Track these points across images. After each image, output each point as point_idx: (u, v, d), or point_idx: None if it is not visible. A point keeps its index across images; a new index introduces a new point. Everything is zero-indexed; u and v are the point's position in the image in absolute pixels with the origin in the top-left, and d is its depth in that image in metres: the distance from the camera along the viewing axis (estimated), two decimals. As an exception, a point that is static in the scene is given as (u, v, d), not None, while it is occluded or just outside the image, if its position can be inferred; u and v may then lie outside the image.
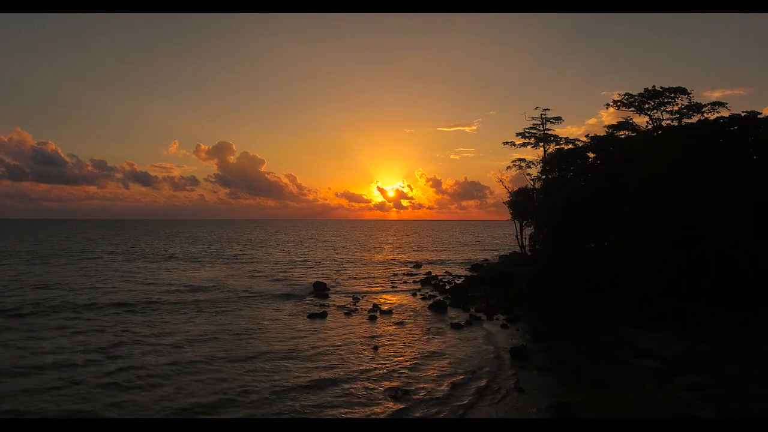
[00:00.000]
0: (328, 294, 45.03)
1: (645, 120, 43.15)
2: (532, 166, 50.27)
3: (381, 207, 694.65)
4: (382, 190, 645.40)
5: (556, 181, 44.93)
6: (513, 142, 50.24)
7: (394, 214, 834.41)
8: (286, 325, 31.75)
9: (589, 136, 45.68)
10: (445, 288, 47.72)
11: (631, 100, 42.47)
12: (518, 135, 49.68)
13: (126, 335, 28.34)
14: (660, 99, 41.28)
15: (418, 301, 41.79)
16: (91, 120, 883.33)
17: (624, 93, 42.84)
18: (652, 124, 42.54)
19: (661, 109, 41.92)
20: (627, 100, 42.70)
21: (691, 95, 40.77)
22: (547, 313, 33.90)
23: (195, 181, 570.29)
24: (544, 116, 48.59)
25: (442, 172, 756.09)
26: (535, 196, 49.57)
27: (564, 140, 48.31)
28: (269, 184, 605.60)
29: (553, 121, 48.39)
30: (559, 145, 47.97)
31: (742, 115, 36.20)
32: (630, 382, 19.86)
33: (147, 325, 31.01)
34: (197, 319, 33.44)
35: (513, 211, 56.28)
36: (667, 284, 32.64)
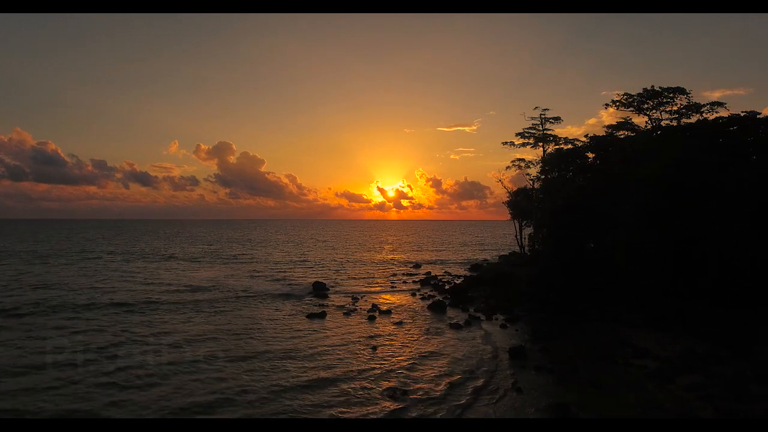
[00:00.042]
0: (327, 294, 45.00)
1: (644, 120, 43.22)
2: (532, 166, 50.32)
3: (381, 207, 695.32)
4: (382, 190, 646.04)
5: (555, 181, 44.92)
6: (512, 142, 50.29)
7: (394, 214, 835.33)
8: (285, 325, 31.73)
9: (588, 136, 45.74)
10: (445, 288, 47.67)
11: (630, 100, 42.48)
12: (517, 135, 49.74)
13: (125, 335, 28.32)
14: (659, 99, 41.28)
15: (417, 301, 41.75)
16: (91, 120, 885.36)
17: (623, 93, 42.97)
18: (651, 124, 42.55)
19: (660, 109, 41.92)
20: (626, 100, 42.71)
21: (689, 95, 40.81)
22: (547, 313, 33.84)
23: (195, 181, 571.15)
24: (543, 116, 48.62)
25: (442, 172, 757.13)
26: (535, 196, 49.54)
27: (563, 140, 48.33)
28: (269, 184, 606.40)
29: (553, 121, 48.39)
30: (559, 145, 47.98)
31: (741, 115, 36.22)
32: (629, 382, 19.82)
33: (146, 325, 30.98)
34: (196, 319, 33.42)
35: (512, 211, 56.28)
36: (668, 284, 32.62)
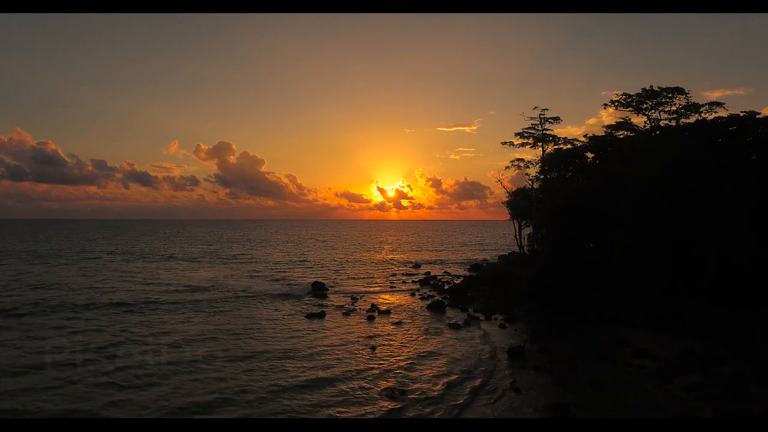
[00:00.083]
0: (326, 294, 45.01)
1: (643, 120, 43.27)
2: (531, 166, 50.31)
3: (381, 207, 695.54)
4: (382, 190, 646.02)
5: (554, 181, 44.96)
6: (511, 142, 50.27)
7: (394, 214, 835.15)
8: (284, 325, 31.73)
9: (587, 136, 45.79)
10: (444, 288, 47.67)
11: (629, 101, 42.52)
12: (517, 135, 49.71)
13: (124, 335, 28.33)
14: (658, 99, 41.32)
15: (416, 301, 41.76)
16: (91, 120, 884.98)
17: (622, 93, 43.01)
18: (649, 124, 42.59)
19: (659, 109, 41.96)
20: (625, 101, 42.75)
21: (688, 95, 40.85)
22: (546, 313, 33.82)
23: (195, 181, 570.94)
24: (542, 116, 48.59)
25: (442, 172, 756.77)
26: (534, 196, 49.55)
27: (562, 140, 48.33)
28: (269, 184, 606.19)
29: (552, 121, 48.38)
30: (558, 145, 47.98)
31: (740, 115, 36.24)
32: (628, 382, 19.82)
33: (145, 325, 30.99)
34: (195, 318, 33.43)
35: (512, 211, 56.29)
36: (667, 284, 32.63)
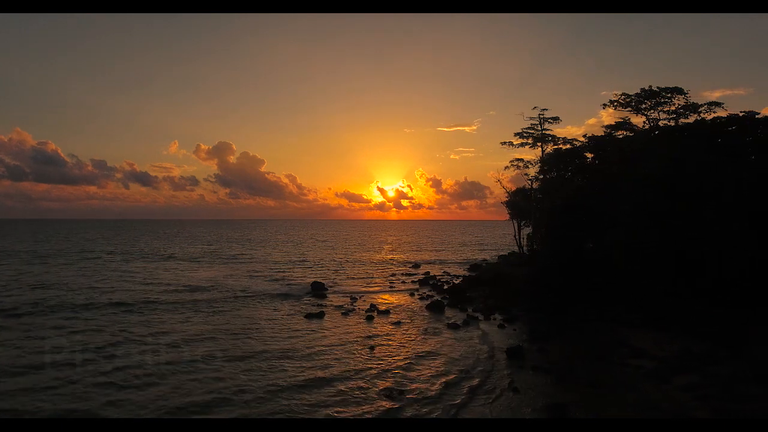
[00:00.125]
0: (325, 294, 45.04)
1: (642, 120, 43.26)
2: (530, 166, 50.22)
3: (381, 207, 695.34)
4: (382, 190, 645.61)
5: (554, 181, 44.96)
6: (511, 142, 50.19)
7: (394, 214, 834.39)
8: (283, 325, 31.76)
9: (586, 136, 45.76)
10: (443, 288, 47.70)
11: (628, 100, 42.50)
12: (516, 135, 49.65)
13: (123, 335, 28.38)
14: (656, 99, 41.30)
15: (415, 301, 41.78)
16: (91, 120, 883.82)
17: (621, 93, 42.99)
18: (648, 124, 42.59)
19: (658, 109, 41.95)
20: (624, 101, 42.73)
21: (687, 95, 40.83)
22: (545, 313, 33.81)
23: (195, 181, 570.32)
24: (542, 116, 48.54)
25: (442, 172, 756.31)
26: (533, 196, 49.54)
27: (562, 140, 48.29)
28: (269, 184, 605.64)
29: (551, 121, 48.31)
30: (557, 145, 47.95)
31: (740, 115, 36.25)
32: (626, 383, 19.85)
33: (144, 325, 31.03)
34: (194, 318, 33.46)
35: (511, 211, 56.25)
36: (667, 284, 32.65)
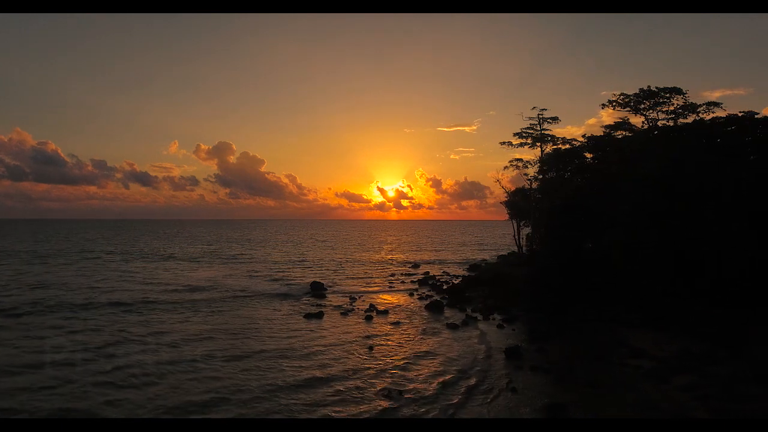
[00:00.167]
0: (325, 294, 45.03)
1: (641, 120, 43.26)
2: (529, 166, 50.21)
3: (381, 207, 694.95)
4: (382, 190, 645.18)
5: (553, 181, 44.95)
6: (510, 142, 50.19)
7: (394, 214, 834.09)
8: (282, 325, 31.75)
9: (585, 136, 45.76)
10: (443, 288, 47.69)
11: (627, 101, 42.49)
12: (515, 135, 49.65)
13: (122, 334, 28.41)
14: (655, 99, 41.29)
15: (415, 301, 41.76)
16: (91, 120, 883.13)
17: (619, 93, 42.97)
18: (647, 124, 42.59)
19: (657, 110, 41.94)
20: (622, 101, 42.73)
21: (686, 95, 40.83)
22: (544, 314, 33.76)
23: (195, 181, 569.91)
24: (541, 116, 48.54)
25: (442, 172, 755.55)
26: (533, 196, 49.53)
27: (561, 140, 48.29)
28: (269, 184, 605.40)
29: (550, 121, 48.29)
30: (556, 145, 47.95)
31: (739, 116, 36.24)
32: (625, 383, 19.83)
33: (143, 325, 31.03)
34: (193, 318, 33.47)
35: (510, 211, 56.28)
36: (667, 284, 32.63)
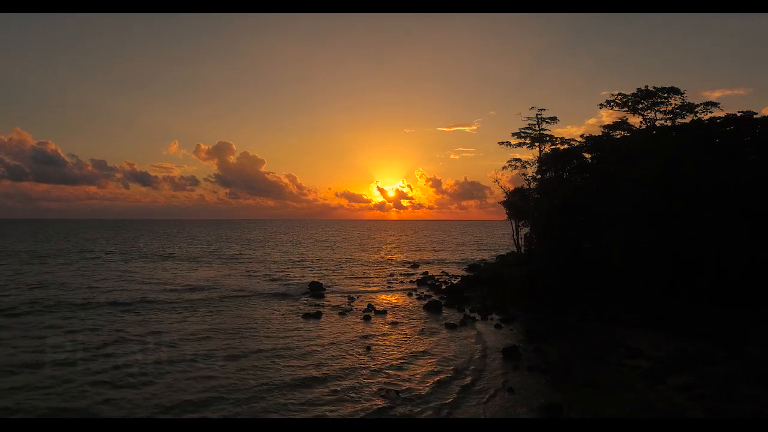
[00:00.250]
0: (323, 294, 44.99)
1: (639, 120, 43.25)
2: (528, 165, 50.16)
3: (381, 207, 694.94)
4: (382, 190, 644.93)
5: (551, 181, 44.89)
6: (509, 142, 50.16)
7: (394, 214, 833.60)
8: (280, 325, 31.74)
9: (584, 136, 45.73)
10: (441, 288, 47.65)
11: (624, 101, 42.48)
12: (514, 135, 49.63)
13: (120, 334, 28.39)
14: (653, 99, 41.28)
15: (413, 301, 41.73)
16: (91, 120, 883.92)
17: (617, 93, 42.95)
18: (645, 124, 42.57)
19: (655, 109, 41.93)
20: (620, 101, 42.71)
21: (684, 95, 40.82)
22: (543, 314, 33.75)
23: (195, 181, 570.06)
24: (539, 116, 48.52)
25: (442, 172, 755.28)
26: (531, 196, 49.48)
27: (559, 140, 48.27)
28: (269, 184, 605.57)
29: (549, 121, 48.28)
30: (555, 145, 47.91)
31: (738, 115, 36.22)
32: (623, 383, 19.83)
33: (141, 324, 31.03)
34: (191, 318, 33.44)
35: (509, 211, 56.18)
36: (665, 284, 32.59)
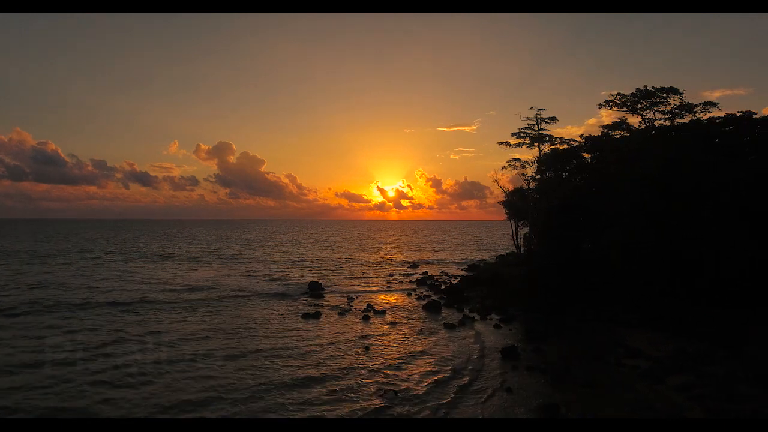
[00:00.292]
0: (323, 294, 44.98)
1: (638, 120, 43.27)
2: (528, 165, 50.17)
3: (381, 207, 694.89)
4: (382, 190, 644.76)
5: (551, 181, 44.89)
6: (508, 142, 50.18)
7: (394, 214, 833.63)
8: (279, 325, 31.74)
9: (583, 136, 45.74)
10: (441, 288, 47.63)
11: (623, 101, 42.49)
12: (513, 135, 49.66)
13: (119, 334, 28.39)
14: (652, 99, 41.29)
15: (412, 301, 41.71)
16: (91, 120, 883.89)
17: (616, 93, 42.98)
18: (644, 124, 42.59)
19: (654, 110, 41.94)
20: (619, 101, 42.72)
21: (683, 95, 40.83)
22: (542, 313, 33.74)
23: (195, 181, 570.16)
24: (539, 116, 48.53)
25: (442, 172, 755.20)
26: (530, 196, 49.49)
27: (559, 140, 48.29)
28: (269, 184, 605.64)
29: (548, 121, 48.31)
30: (554, 145, 47.92)
31: (737, 115, 36.21)
32: (622, 383, 19.81)
33: (140, 324, 31.03)
34: (191, 318, 33.44)
35: (508, 211, 56.18)
36: (665, 284, 32.59)
